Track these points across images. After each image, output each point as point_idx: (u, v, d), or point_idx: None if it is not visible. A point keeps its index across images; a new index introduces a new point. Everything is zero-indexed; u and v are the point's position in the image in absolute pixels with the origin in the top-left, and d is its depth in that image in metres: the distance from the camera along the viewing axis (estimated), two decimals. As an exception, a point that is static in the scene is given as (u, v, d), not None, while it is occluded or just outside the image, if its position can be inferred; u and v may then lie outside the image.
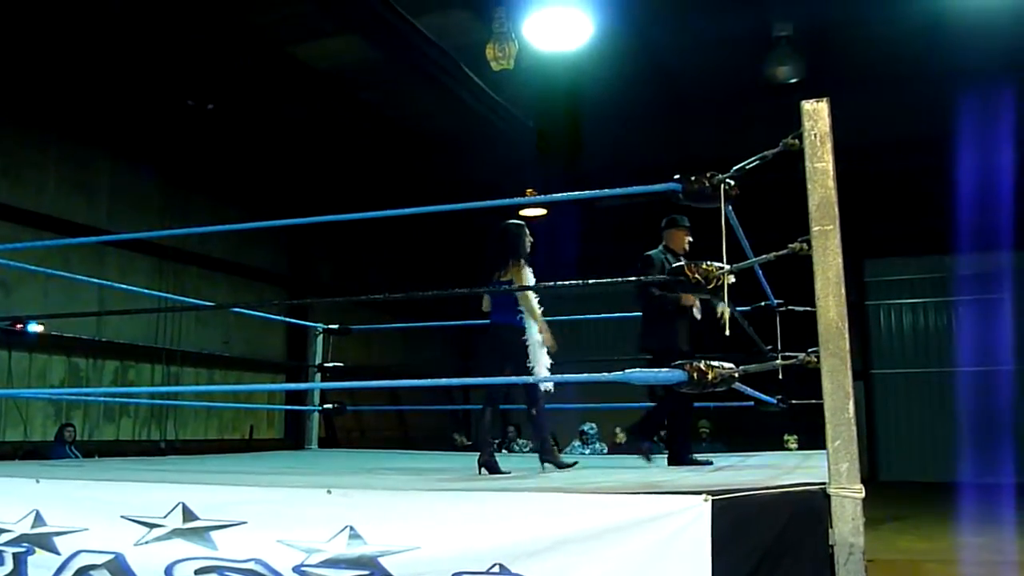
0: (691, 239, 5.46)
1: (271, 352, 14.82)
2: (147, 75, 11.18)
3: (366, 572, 2.96)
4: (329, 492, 3.16)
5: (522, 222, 4.93)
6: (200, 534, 3.22)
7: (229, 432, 13.83)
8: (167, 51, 10.79)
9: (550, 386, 4.70)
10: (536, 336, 4.75)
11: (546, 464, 4.68)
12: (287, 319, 10.85)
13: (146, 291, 7.96)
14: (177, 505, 3.26)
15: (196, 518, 3.25)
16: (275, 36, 10.98)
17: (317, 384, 7.87)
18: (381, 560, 2.95)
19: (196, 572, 3.18)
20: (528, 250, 4.87)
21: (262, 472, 4.72)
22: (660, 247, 5.48)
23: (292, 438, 12.77)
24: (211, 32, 10.55)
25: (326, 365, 7.66)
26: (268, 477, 4.15)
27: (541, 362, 4.66)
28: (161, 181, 12.76)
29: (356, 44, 10.84)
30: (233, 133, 12.99)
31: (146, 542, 3.26)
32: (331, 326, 7.71)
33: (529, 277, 4.77)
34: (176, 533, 3.24)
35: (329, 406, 7.71)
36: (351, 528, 3.01)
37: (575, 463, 4.96)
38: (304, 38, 11.03)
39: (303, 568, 3.04)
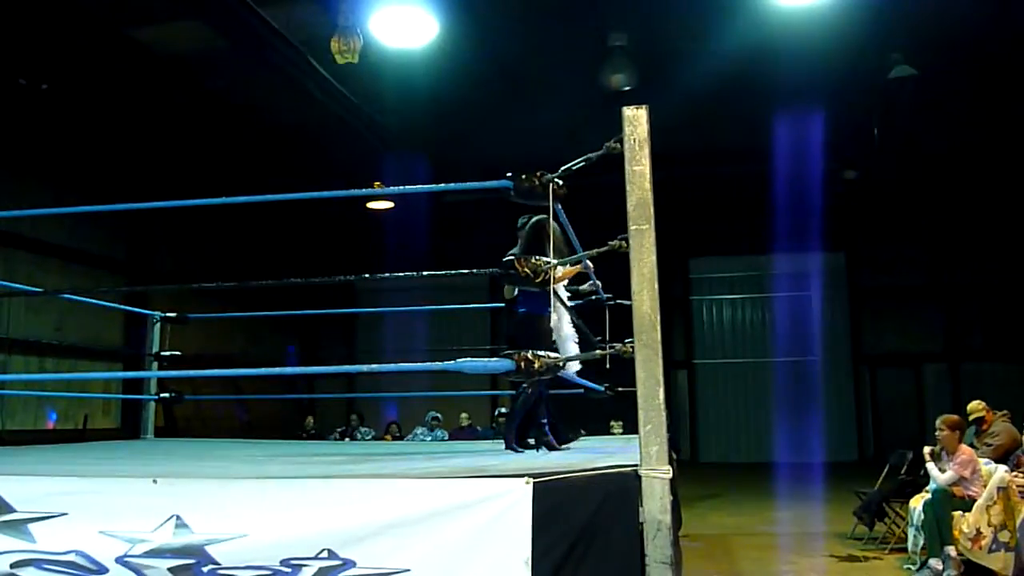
0: None
1: (108, 340, 14.05)
2: (-27, 50, 10.35)
3: (192, 561, 2.87)
4: (155, 482, 3.03)
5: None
6: (16, 527, 3.02)
7: (62, 422, 13.02)
8: (-5, 26, 10.02)
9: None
10: (566, 329, 4.71)
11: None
12: (124, 307, 10.28)
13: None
14: (-9, 498, 3.05)
15: (13, 511, 3.04)
16: (111, 17, 10.36)
17: (153, 372, 7.51)
18: (208, 548, 2.87)
19: (12, 566, 2.99)
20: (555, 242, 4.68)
21: (89, 462, 4.47)
22: None
23: (128, 428, 12.14)
24: (42, 9, 9.86)
25: (163, 354, 7.35)
26: (93, 467, 3.94)
27: (570, 353, 4.58)
28: (-8, 162, 11.85)
29: (200, 31, 10.36)
30: (70, 115, 12.18)
31: (-44, 537, 3.04)
32: (168, 314, 7.39)
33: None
34: (-10, 527, 3.03)
35: (166, 395, 7.41)
36: (177, 517, 2.91)
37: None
38: (143, 21, 10.45)
39: (126, 559, 2.91)
